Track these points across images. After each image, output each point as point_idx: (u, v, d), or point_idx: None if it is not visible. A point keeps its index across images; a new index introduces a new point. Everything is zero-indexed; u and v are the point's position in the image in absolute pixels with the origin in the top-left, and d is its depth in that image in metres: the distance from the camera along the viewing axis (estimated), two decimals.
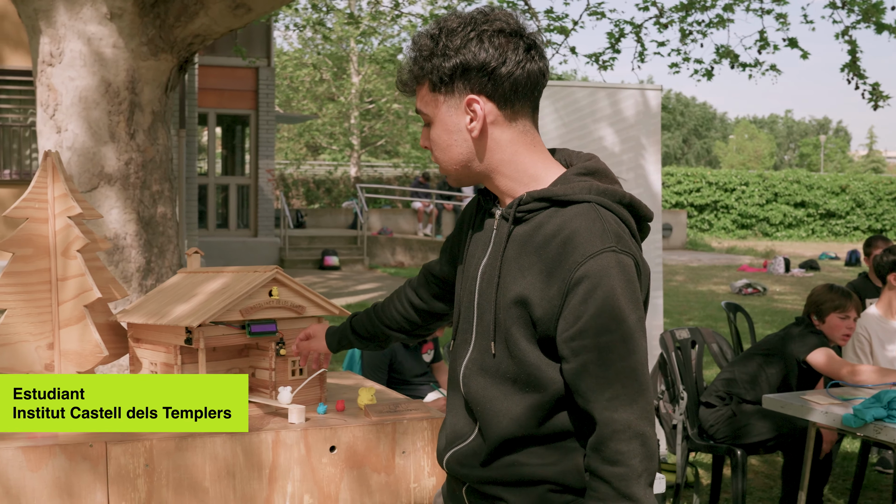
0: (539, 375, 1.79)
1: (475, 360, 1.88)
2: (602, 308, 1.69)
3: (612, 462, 1.71)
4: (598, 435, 1.73)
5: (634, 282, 1.73)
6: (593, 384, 1.71)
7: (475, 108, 1.82)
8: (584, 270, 1.70)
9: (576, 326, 1.71)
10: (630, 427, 1.70)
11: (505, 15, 1.83)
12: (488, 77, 1.80)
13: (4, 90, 12.82)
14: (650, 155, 6.64)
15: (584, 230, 1.73)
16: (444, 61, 1.81)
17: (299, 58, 30.29)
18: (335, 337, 2.48)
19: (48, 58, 7.46)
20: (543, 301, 1.75)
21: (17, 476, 2.19)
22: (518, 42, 1.81)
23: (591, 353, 1.70)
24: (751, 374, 5.08)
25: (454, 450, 1.93)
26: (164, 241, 7.80)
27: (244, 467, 2.34)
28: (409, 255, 20.61)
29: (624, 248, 1.74)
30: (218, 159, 21.02)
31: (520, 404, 1.81)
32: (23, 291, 2.64)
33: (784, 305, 14.46)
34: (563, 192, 1.80)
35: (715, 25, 10.69)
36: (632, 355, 1.71)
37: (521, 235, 1.82)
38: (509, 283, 1.81)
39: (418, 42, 1.87)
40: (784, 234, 34.17)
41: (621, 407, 1.70)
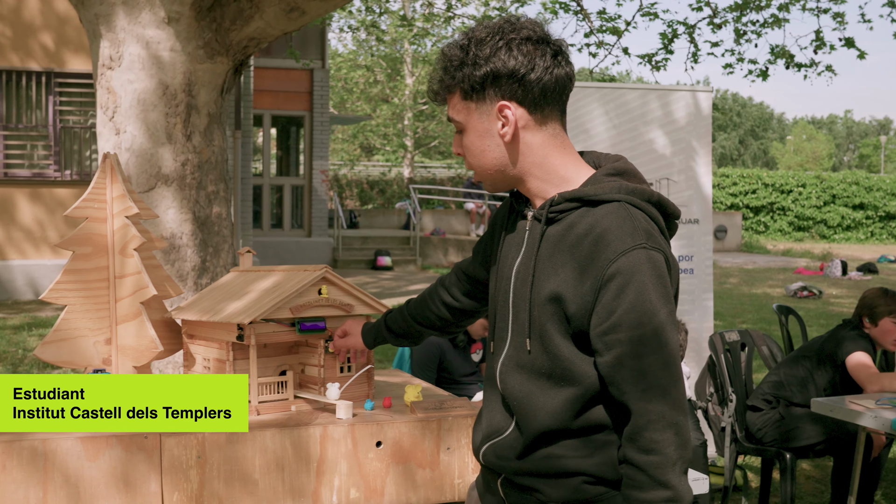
0: (573, 369, 1.85)
1: (511, 357, 1.94)
2: (634, 303, 1.76)
3: (646, 451, 1.78)
4: (633, 425, 1.80)
5: (665, 277, 1.80)
6: (628, 376, 1.79)
7: (507, 113, 1.89)
8: (617, 267, 1.77)
9: (609, 321, 1.78)
10: (664, 417, 1.78)
11: (531, 23, 1.91)
12: (518, 83, 1.87)
13: (65, 93, 13.12)
14: (700, 157, 6.62)
15: (616, 228, 1.80)
16: (475, 70, 1.88)
17: (353, 59, 30.51)
18: (371, 334, 2.53)
19: (108, 61, 7.63)
20: (577, 297, 1.81)
21: (76, 465, 2.27)
22: (545, 49, 1.89)
23: (625, 347, 1.77)
24: (799, 376, 5.04)
25: (491, 443, 1.99)
26: (219, 241, 7.94)
27: (293, 460, 2.41)
28: (462, 255, 20.66)
29: (654, 244, 1.81)
30: (272, 160, 21.25)
31: (555, 398, 1.87)
32: (82, 288, 2.74)
33: (840, 309, 14.25)
34: (593, 191, 1.87)
35: (770, 25, 10.59)
36: (664, 347, 1.78)
37: (554, 235, 1.89)
38: (543, 280, 1.87)
39: (448, 53, 1.94)
40: (842, 237, 33.62)
41: (655, 398, 1.78)
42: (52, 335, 2.71)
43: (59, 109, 13.04)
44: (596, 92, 6.24)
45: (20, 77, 12.90)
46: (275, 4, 7.56)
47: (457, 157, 16.39)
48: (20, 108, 13.03)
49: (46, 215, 13.00)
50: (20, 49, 12.85)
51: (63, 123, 13.09)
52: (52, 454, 2.26)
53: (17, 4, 12.79)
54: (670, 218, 1.94)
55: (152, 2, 7.39)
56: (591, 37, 10.35)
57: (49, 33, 12.89)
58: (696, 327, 6.38)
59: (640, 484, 1.79)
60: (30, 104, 13.03)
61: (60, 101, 13.06)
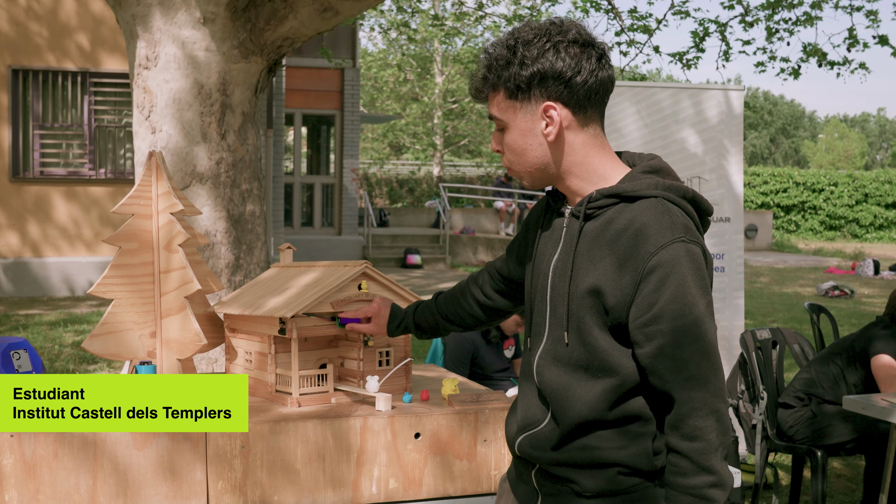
0: (611, 361, 1.90)
1: (549, 351, 1.99)
2: (675, 295, 1.82)
3: (690, 438, 1.84)
4: (676, 413, 1.86)
5: (703, 269, 1.86)
6: (670, 365, 1.84)
7: (552, 114, 1.94)
8: (657, 260, 1.82)
9: (650, 312, 1.83)
10: (706, 404, 1.84)
11: (577, 26, 1.96)
12: (564, 85, 1.92)
13: (101, 92, 13.29)
14: (732, 156, 6.62)
15: (655, 223, 1.86)
16: (522, 70, 1.93)
17: (384, 58, 30.62)
18: (395, 322, 2.54)
19: (144, 61, 7.75)
20: (616, 290, 1.86)
21: (124, 454, 2.35)
22: (591, 52, 1.94)
23: (667, 337, 1.83)
24: (831, 374, 5.05)
25: (526, 434, 2.04)
26: (253, 239, 8.03)
27: (334, 451, 2.47)
28: (491, 254, 20.69)
29: (692, 238, 1.86)
30: (303, 158, 21.39)
31: (592, 389, 1.91)
32: (128, 283, 2.82)
33: (872, 308, 14.16)
34: (631, 188, 1.92)
35: (802, 23, 10.55)
36: (704, 337, 1.84)
37: (592, 231, 1.93)
38: (582, 275, 1.92)
39: (493, 52, 1.98)
40: (874, 236, 33.32)
41: (697, 386, 1.84)
42: (100, 328, 2.79)
43: (94, 109, 13.21)
44: (628, 91, 6.27)
45: (56, 77, 13.09)
46: (309, 4, 7.65)
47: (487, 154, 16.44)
48: (56, 107, 13.21)
49: (81, 213, 13.18)
50: (56, 49, 13.03)
51: (98, 123, 13.26)
52: (101, 443, 2.34)
53: (53, 5, 12.98)
54: (704, 214, 1.99)
55: (188, 2, 7.49)
56: (621, 35, 10.36)
57: (84, 34, 13.06)
58: (727, 325, 6.40)
59: (685, 470, 1.85)
60: (65, 104, 13.22)
61: (95, 100, 13.23)
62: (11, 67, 12.91)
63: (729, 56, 10.52)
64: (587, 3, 10.30)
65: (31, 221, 13.07)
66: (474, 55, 24.24)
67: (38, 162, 13.14)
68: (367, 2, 8.00)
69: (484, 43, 27.74)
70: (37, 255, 13.12)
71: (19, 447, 2.30)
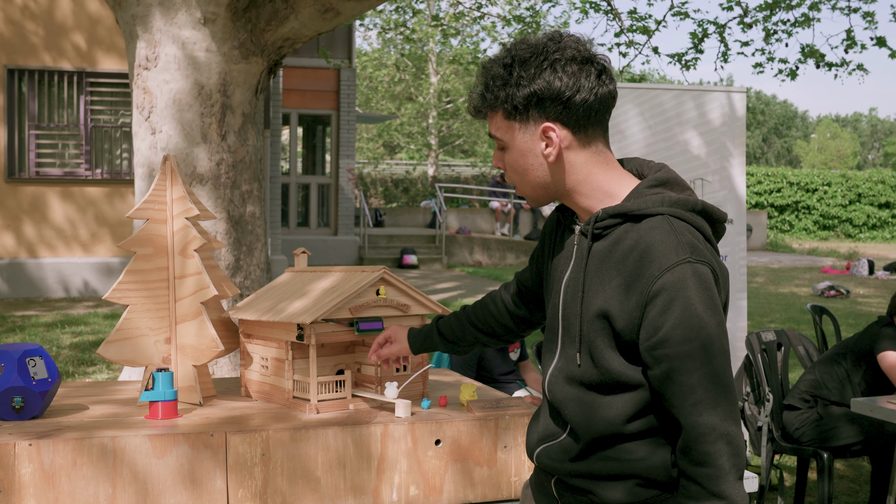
0: (625, 381, 1.87)
1: (561, 369, 1.97)
2: (681, 318, 1.76)
3: (699, 464, 1.80)
4: (684, 438, 1.82)
5: (711, 289, 1.80)
6: (677, 391, 1.80)
7: (551, 135, 1.89)
8: (661, 283, 1.77)
9: (656, 337, 1.78)
10: (714, 429, 1.78)
11: (575, 41, 1.90)
12: (563, 105, 1.86)
13: (97, 92, 13.24)
14: (735, 158, 6.63)
15: (659, 243, 1.81)
16: (519, 90, 1.87)
17: (379, 58, 30.59)
18: (418, 339, 2.48)
19: (144, 61, 7.72)
20: (623, 313, 1.83)
21: (144, 462, 2.33)
22: (590, 69, 1.87)
23: (673, 362, 1.78)
24: (837, 375, 5.05)
25: (545, 445, 2.02)
26: (253, 240, 8.01)
27: (354, 458, 2.45)
28: (487, 254, 20.69)
29: (699, 257, 1.80)
30: (298, 158, 21.36)
31: (609, 406, 1.89)
32: (143, 288, 2.80)
33: (868, 308, 14.19)
34: (636, 206, 1.87)
35: (800, 25, 10.57)
36: (713, 361, 1.78)
37: (600, 251, 1.90)
38: (592, 297, 1.89)
39: (490, 70, 1.93)
40: (867, 236, 33.43)
41: (705, 411, 1.78)
42: (115, 334, 2.77)
43: (90, 109, 13.17)
44: (631, 93, 6.26)
45: (52, 76, 13.04)
46: (310, 5, 7.63)
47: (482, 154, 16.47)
48: (52, 107, 13.17)
49: (77, 214, 13.14)
50: (52, 49, 12.99)
51: (94, 123, 13.22)
52: (121, 451, 2.32)
53: (49, 5, 12.93)
54: (717, 223, 1.95)
55: (188, 3, 7.47)
56: (621, 36, 10.36)
57: (81, 33, 13.02)
58: (730, 327, 6.39)
59: (695, 495, 1.81)
60: (61, 103, 13.17)
61: (92, 100, 13.19)
62: (7, 67, 12.86)
63: (727, 57, 10.53)
64: (587, 4, 10.30)
65: (27, 222, 13.02)
66: (472, 55, 24.20)
67: (33, 162, 13.09)
68: (368, 2, 7.98)
69: (480, 43, 27.73)
70: (32, 256, 13.07)
71: (38, 456, 2.28)
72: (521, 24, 11.63)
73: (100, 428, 2.42)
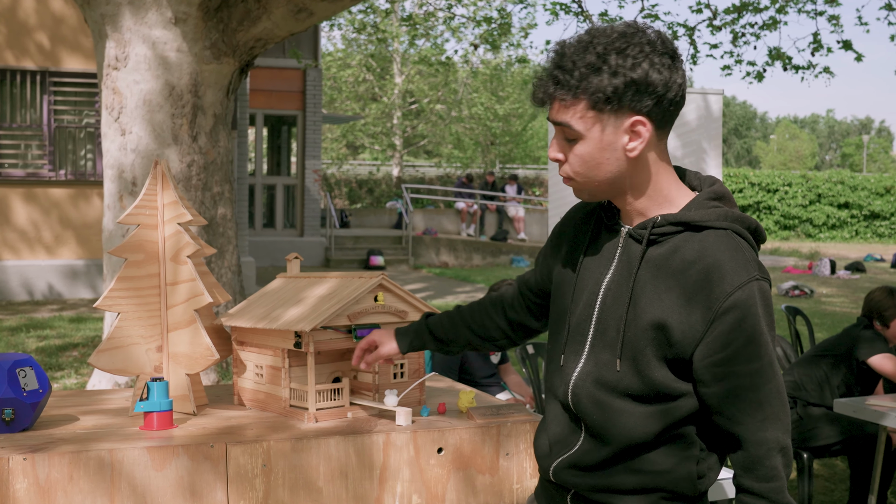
0: (666, 392, 1.84)
1: (590, 373, 1.90)
2: (750, 337, 1.77)
3: (768, 479, 1.81)
4: (751, 455, 1.82)
5: (771, 306, 1.81)
6: (745, 407, 1.80)
7: (639, 129, 1.80)
8: (734, 300, 1.75)
9: (724, 353, 1.77)
10: (779, 443, 1.81)
11: (657, 34, 1.81)
12: (656, 100, 1.77)
13: (60, 92, 13.05)
14: (711, 159, 6.66)
15: (729, 260, 1.78)
16: (616, 79, 1.76)
17: (343, 58, 30.48)
18: (407, 338, 2.39)
19: (113, 62, 7.61)
20: (683, 325, 1.79)
21: (142, 475, 2.27)
22: (678, 64, 1.81)
23: (742, 379, 1.78)
24: (816, 377, 5.09)
25: (561, 458, 1.96)
26: (224, 242, 7.94)
27: (356, 468, 2.41)
28: (454, 255, 20.68)
29: (763, 274, 1.80)
30: (263, 159, 21.22)
31: (643, 413, 1.85)
32: (135, 296, 2.73)
33: (833, 308, 14.35)
34: (699, 217, 1.82)
35: (768, 27, 10.66)
36: (776, 377, 1.81)
37: (655, 258, 1.84)
38: (646, 305, 1.83)
39: (576, 57, 1.79)
40: (827, 236, 33.87)
41: (771, 426, 1.80)
42: (106, 343, 2.70)
43: (53, 109, 12.98)
44: None
45: (14, 76, 12.83)
46: (283, 5, 7.57)
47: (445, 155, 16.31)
48: (14, 107, 12.95)
49: (41, 215, 12.94)
50: (15, 47, 12.78)
51: (58, 123, 13.02)
52: (118, 464, 2.26)
53: (11, 3, 12.72)
54: (761, 243, 1.94)
55: (159, 2, 7.38)
56: None
57: (44, 32, 12.82)
58: None
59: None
60: (24, 103, 12.96)
61: (55, 100, 13.00)
62: None
63: (697, 59, 10.59)
64: (556, 6, 10.30)
65: None
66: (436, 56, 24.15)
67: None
68: (341, 3, 7.93)
69: (445, 44, 27.68)
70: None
71: (33, 470, 2.21)
72: (490, 25, 11.62)
73: (95, 440, 2.36)
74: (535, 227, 23.53)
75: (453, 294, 14.84)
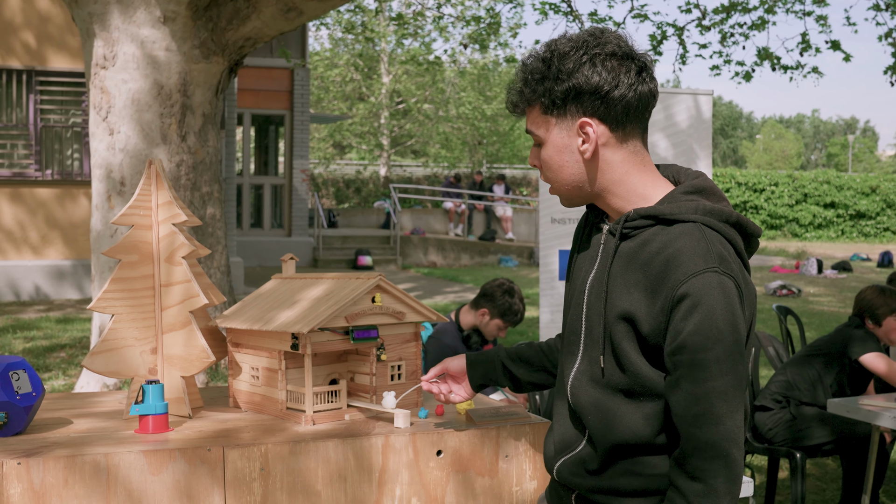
0: (653, 386, 1.82)
1: (584, 372, 1.92)
2: (700, 326, 1.72)
3: (692, 477, 1.75)
4: (681, 449, 1.77)
5: (734, 304, 1.75)
6: (681, 398, 1.75)
7: (587, 130, 1.85)
8: (686, 288, 1.73)
9: (675, 342, 1.74)
10: (714, 446, 1.73)
11: (615, 37, 1.86)
12: (601, 100, 1.83)
13: (46, 91, 12.96)
14: (701, 160, 6.66)
15: (688, 249, 1.76)
16: (557, 85, 1.84)
17: (330, 58, 30.42)
18: (479, 370, 2.41)
19: (101, 60, 7.55)
20: (649, 318, 1.79)
21: (138, 479, 2.24)
22: (630, 65, 1.84)
23: (685, 369, 1.74)
24: (809, 377, 5.09)
25: (564, 458, 1.97)
26: (213, 242, 7.89)
27: (355, 471, 2.39)
28: (442, 255, 20.66)
29: (726, 269, 1.76)
30: (251, 158, 21.16)
31: (635, 413, 1.84)
32: (129, 297, 2.70)
33: (820, 307, 14.40)
34: (669, 210, 1.83)
35: (756, 27, 10.69)
36: (724, 376, 1.73)
37: (627, 251, 1.86)
38: (616, 298, 1.84)
39: (529, 65, 1.89)
40: (813, 235, 34.00)
41: (706, 426, 1.73)
42: (100, 345, 2.67)
43: (39, 108, 12.89)
44: None
45: (0, 75, 12.73)
46: (272, 4, 7.53)
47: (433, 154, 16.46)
48: (0, 106, 12.86)
49: (27, 215, 12.85)
50: (0, 46, 12.68)
51: (44, 122, 12.94)
52: (114, 469, 2.22)
53: None
54: (751, 237, 1.91)
55: (148, 1, 7.32)
56: None
57: (30, 31, 12.73)
58: None
59: None
60: (10, 103, 12.87)
61: (41, 99, 12.91)
62: None
63: (686, 59, 10.60)
64: (545, 6, 10.30)
65: None
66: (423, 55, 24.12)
67: None
68: (331, 2, 7.89)
69: (432, 44, 27.66)
70: None
71: (27, 475, 2.18)
72: (479, 25, 11.60)
73: (90, 444, 2.33)
74: (523, 227, 23.53)
75: (442, 294, 14.82)
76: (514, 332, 10.57)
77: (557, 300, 6.60)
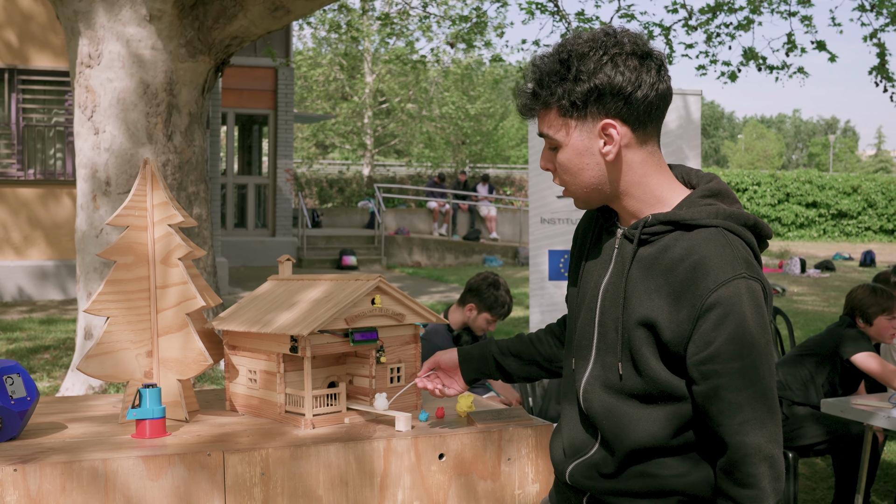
0: (671, 391, 1.81)
1: (597, 377, 1.90)
2: (734, 334, 1.71)
3: (743, 485, 1.76)
4: (729, 458, 1.77)
5: (763, 307, 1.75)
6: (724, 408, 1.75)
7: (611, 132, 1.82)
8: (717, 297, 1.72)
9: (707, 351, 1.73)
10: (760, 450, 1.74)
11: (633, 36, 1.84)
12: (624, 101, 1.80)
13: (29, 90, 12.85)
14: (691, 161, 6.65)
15: (715, 256, 1.75)
16: (577, 86, 1.80)
17: (314, 57, 30.32)
18: (471, 365, 2.38)
19: (87, 59, 7.48)
20: (672, 324, 1.77)
21: (137, 485, 2.20)
22: (650, 63, 1.82)
23: (723, 378, 1.73)
24: (801, 376, 5.09)
25: (576, 462, 1.95)
26: (200, 243, 7.82)
27: (356, 475, 2.36)
28: (426, 254, 20.63)
29: (753, 273, 1.76)
30: (234, 158, 21.05)
31: (651, 416, 1.83)
32: (124, 300, 2.66)
33: (805, 307, 14.45)
34: (689, 215, 1.81)
35: (742, 28, 10.71)
36: (762, 380, 1.74)
37: (646, 257, 1.84)
38: (635, 304, 1.82)
39: (544, 66, 1.85)
40: (796, 235, 34.15)
41: (752, 431, 1.74)
42: (95, 349, 2.63)
43: (22, 107, 12.77)
44: None
45: None
46: (259, 3, 7.47)
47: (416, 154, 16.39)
48: None
49: (9, 216, 12.73)
50: None
51: (26, 121, 12.82)
52: (112, 475, 2.18)
53: None
54: (764, 239, 1.91)
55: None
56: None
57: (12, 29, 12.61)
58: None
59: None
60: None
61: (24, 98, 12.79)
62: None
63: (672, 59, 10.60)
64: (532, 5, 10.28)
65: None
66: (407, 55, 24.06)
67: None
68: (318, 1, 7.84)
69: (415, 43, 27.60)
70: None
71: (24, 482, 2.14)
72: (466, 24, 11.58)
73: (86, 449, 2.29)
74: (507, 227, 23.53)
75: (427, 294, 14.78)
76: (502, 334, 10.55)
77: (547, 300, 6.58)
